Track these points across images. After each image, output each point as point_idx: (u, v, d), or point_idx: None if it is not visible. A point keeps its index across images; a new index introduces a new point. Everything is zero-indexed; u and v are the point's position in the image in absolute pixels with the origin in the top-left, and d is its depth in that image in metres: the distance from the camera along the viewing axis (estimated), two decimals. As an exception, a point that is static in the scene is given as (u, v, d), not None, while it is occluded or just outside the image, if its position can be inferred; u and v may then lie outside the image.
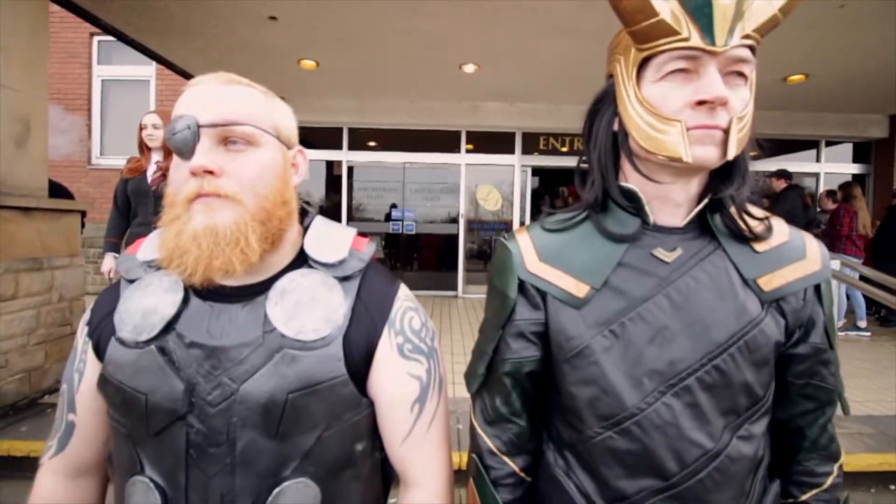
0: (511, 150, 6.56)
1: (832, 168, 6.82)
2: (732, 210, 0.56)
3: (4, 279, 2.50)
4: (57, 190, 3.27)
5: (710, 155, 0.51)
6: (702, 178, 0.57)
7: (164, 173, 2.49)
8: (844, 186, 5.10)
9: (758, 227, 0.57)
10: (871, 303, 5.47)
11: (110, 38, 5.01)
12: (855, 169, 6.86)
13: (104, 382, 0.58)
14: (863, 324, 4.73)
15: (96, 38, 6.43)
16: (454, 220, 6.74)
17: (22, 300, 2.60)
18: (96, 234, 5.93)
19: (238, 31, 4.11)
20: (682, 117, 0.51)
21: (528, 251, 0.61)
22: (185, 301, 0.59)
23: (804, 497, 0.61)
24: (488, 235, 6.94)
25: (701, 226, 0.58)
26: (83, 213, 3.15)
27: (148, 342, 0.57)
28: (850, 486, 2.14)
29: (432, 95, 5.97)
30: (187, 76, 5.33)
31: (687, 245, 0.56)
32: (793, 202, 4.80)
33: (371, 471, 0.66)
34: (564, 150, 6.57)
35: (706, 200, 0.56)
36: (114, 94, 6.51)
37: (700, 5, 0.48)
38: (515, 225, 6.67)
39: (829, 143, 6.79)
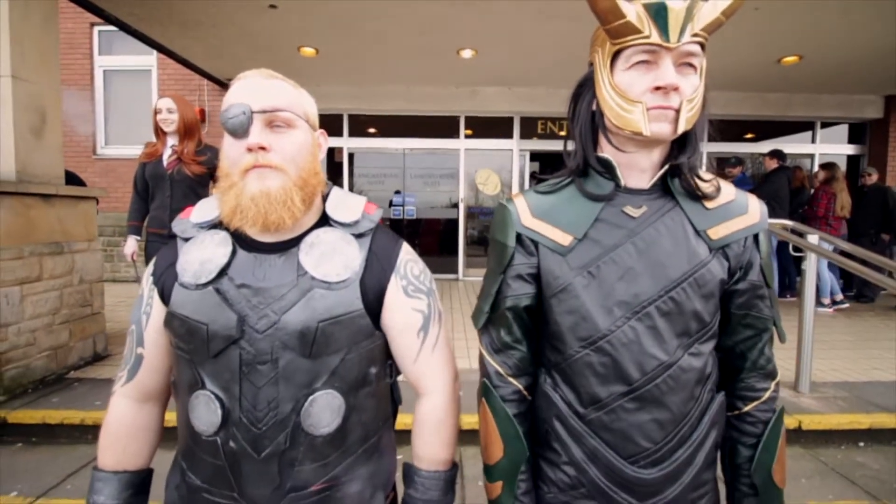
0: (509, 135, 6.64)
1: (828, 149, 6.88)
2: (687, 174, 0.70)
3: (30, 262, 2.65)
4: (71, 178, 3.39)
5: (664, 130, 0.64)
6: (663, 148, 0.70)
7: (179, 157, 2.55)
8: (826, 167, 5.22)
9: (707, 187, 0.70)
10: (850, 282, 5.64)
11: (111, 27, 5.07)
12: (850, 150, 6.93)
13: (171, 318, 0.73)
14: (826, 301, 4.96)
15: (97, 28, 6.47)
16: (454, 205, 6.86)
17: (46, 282, 2.75)
18: (104, 223, 6.07)
19: (238, 19, 4.18)
20: (644, 99, 0.63)
21: (523, 210, 0.74)
22: (234, 253, 0.74)
23: (746, 408, 0.72)
24: (487, 220, 7.06)
25: (663, 188, 0.71)
26: (96, 201, 3.28)
27: (206, 284, 0.71)
28: (823, 444, 2.31)
29: (430, 81, 6.04)
30: (188, 65, 5.41)
31: (651, 203, 0.69)
32: (779, 183, 4.92)
33: (383, 392, 0.81)
34: (562, 134, 6.66)
35: (667, 167, 0.70)
36: (116, 84, 6.57)
37: (658, 10, 0.60)
38: (514, 209, 6.79)
39: (824, 125, 6.84)
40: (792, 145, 6.97)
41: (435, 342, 0.81)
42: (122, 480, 0.77)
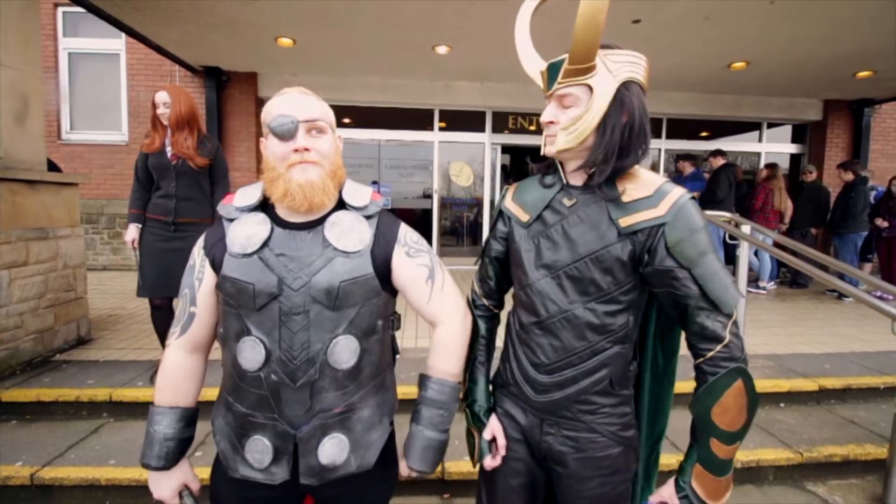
0: (482, 129, 6.88)
1: (773, 148, 7.46)
2: (597, 179, 0.91)
3: (17, 246, 2.70)
4: (51, 166, 3.40)
5: (549, 150, 0.92)
6: (582, 158, 0.91)
7: (181, 152, 2.53)
8: (769, 166, 5.75)
9: (610, 190, 0.89)
10: (781, 267, 6.23)
11: (76, 9, 4.93)
12: (793, 148, 7.53)
13: (223, 280, 0.92)
14: (763, 283, 5.53)
15: (60, 10, 6.26)
16: (428, 196, 7.06)
17: (33, 266, 2.81)
18: (85, 210, 5.93)
19: (219, 7, 4.20)
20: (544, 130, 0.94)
21: (509, 194, 1.07)
22: (272, 230, 0.94)
23: (695, 362, 0.88)
24: (460, 211, 7.30)
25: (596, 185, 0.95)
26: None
27: (252, 254, 0.92)
28: (749, 405, 2.68)
29: (406, 74, 6.18)
30: (160, 51, 5.34)
31: (582, 197, 0.93)
32: (724, 179, 5.40)
33: (386, 340, 1.03)
34: (532, 128, 6.95)
35: (592, 171, 0.93)
36: (82, 68, 6.39)
37: (543, 71, 0.92)
38: (486, 200, 7.05)
39: (770, 125, 7.40)
40: (741, 143, 7.53)
41: (442, 284, 1.03)
42: (176, 414, 0.97)
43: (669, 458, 2.13)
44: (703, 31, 4.43)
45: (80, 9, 4.30)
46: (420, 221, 7.16)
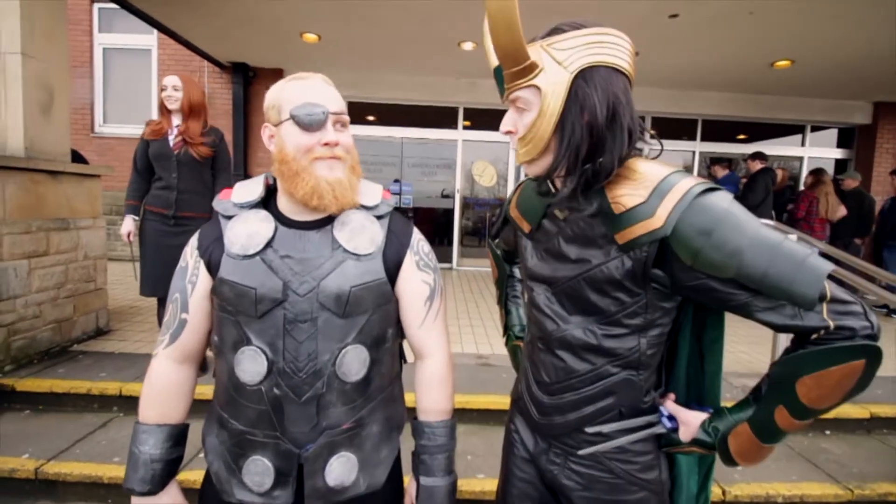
0: (507, 128, 6.72)
1: (816, 152, 7.05)
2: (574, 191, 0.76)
3: (37, 236, 2.71)
4: (75, 156, 3.44)
5: (519, 161, 0.80)
6: (548, 166, 0.77)
7: (185, 139, 2.51)
8: (814, 173, 5.39)
9: (598, 202, 0.75)
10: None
11: (111, 5, 5.04)
12: (838, 154, 7.10)
13: (220, 284, 0.83)
14: None
15: (96, 6, 6.42)
16: (450, 196, 6.95)
17: (53, 256, 2.82)
18: (109, 202, 6.07)
19: (246, 4, 4.20)
20: None
21: (514, 199, 0.98)
22: (276, 229, 0.85)
23: (814, 337, 0.65)
24: (483, 211, 7.16)
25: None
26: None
27: (254, 255, 0.83)
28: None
29: (431, 71, 6.09)
30: (190, 46, 5.41)
31: (573, 208, 0.79)
32: (761, 185, 5.08)
33: (395, 349, 0.95)
34: (559, 128, 6.75)
35: (578, 180, 0.76)
36: (116, 63, 6.54)
37: (496, 81, 0.77)
38: (509, 201, 6.89)
39: (814, 128, 7.00)
40: (782, 147, 7.14)
41: (437, 312, 0.94)
42: (164, 432, 0.88)
43: (701, 487, 1.96)
44: (746, 27, 4.18)
45: (114, 5, 4.38)
46: (442, 221, 7.07)
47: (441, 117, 6.71)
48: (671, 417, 0.80)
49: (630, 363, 0.78)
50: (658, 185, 0.70)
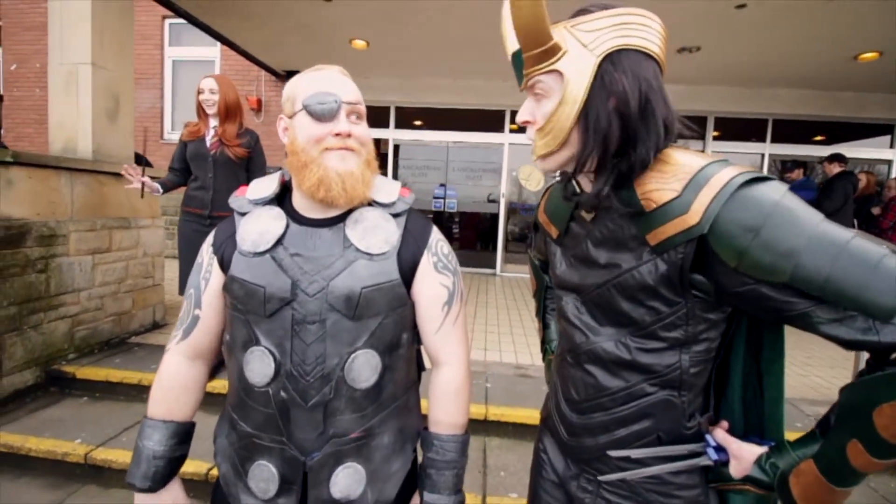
0: (555, 131, 6.53)
1: (908, 155, 6.32)
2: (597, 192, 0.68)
3: (101, 234, 2.91)
4: (138, 159, 3.67)
5: (535, 154, 0.71)
6: (572, 161, 0.70)
7: (221, 139, 2.55)
8: (899, 177, 4.80)
9: (628, 199, 0.66)
10: None
11: (181, 20, 5.42)
12: (934, 156, 6.33)
13: (231, 282, 0.81)
14: None
15: (168, 21, 6.92)
16: (495, 200, 6.84)
17: (115, 253, 3.01)
18: (165, 203, 6.50)
19: (294, 12, 4.35)
20: None
21: (542, 206, 0.91)
22: (287, 226, 0.82)
23: (894, 357, 0.54)
24: (529, 216, 6.99)
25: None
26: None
27: (264, 252, 0.80)
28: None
29: (477, 75, 6.04)
30: (247, 56, 5.69)
31: (601, 208, 0.72)
32: (840, 189, 4.57)
33: (411, 356, 0.89)
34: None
35: (606, 178, 0.67)
36: (183, 74, 7.02)
37: (514, 67, 0.70)
38: (557, 206, 6.69)
39: (906, 128, 6.28)
40: (867, 150, 6.44)
41: (456, 317, 0.87)
42: (170, 429, 0.86)
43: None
44: (826, 15, 3.79)
45: (183, 21, 4.68)
46: (487, 226, 6.97)
47: (487, 121, 6.64)
48: (720, 449, 0.68)
49: (670, 382, 0.68)
50: (694, 176, 0.61)
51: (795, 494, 0.60)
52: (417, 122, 6.87)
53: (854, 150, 6.36)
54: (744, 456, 0.66)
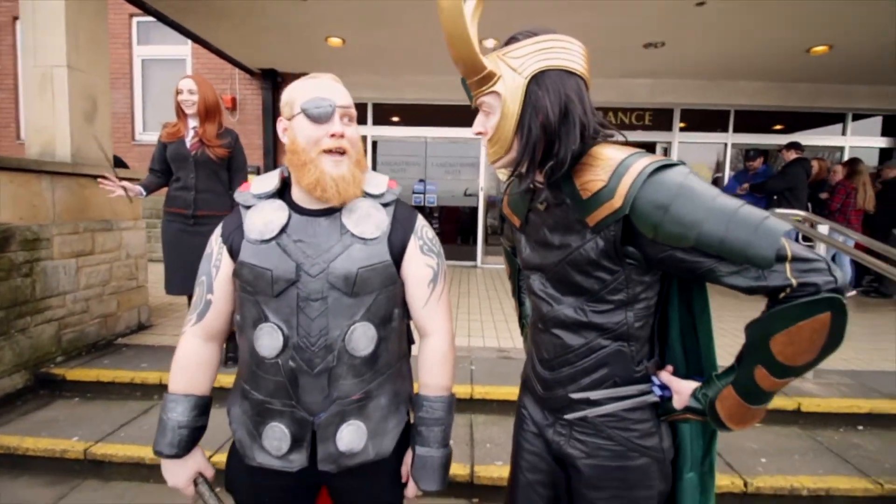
0: (530, 125, 6.69)
1: (859, 142, 6.71)
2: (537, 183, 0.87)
3: (84, 237, 2.92)
4: (117, 162, 3.66)
5: (489, 160, 0.87)
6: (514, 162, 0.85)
7: (201, 140, 2.56)
8: (847, 163, 5.17)
9: (568, 190, 0.81)
10: (862, 274, 5.56)
11: (148, 18, 5.33)
12: (883, 142, 6.75)
13: (241, 267, 0.91)
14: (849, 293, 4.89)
15: (135, 20, 6.78)
16: (474, 194, 6.98)
17: (98, 255, 3.03)
18: (145, 205, 6.42)
19: (270, 10, 4.37)
20: None
21: (505, 201, 1.04)
22: (289, 217, 0.93)
23: (782, 296, 0.67)
24: (507, 208, 7.13)
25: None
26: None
27: (270, 240, 0.91)
28: (822, 426, 2.39)
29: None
30: (221, 55, 5.64)
31: (550, 199, 0.86)
32: (794, 174, 4.89)
33: (402, 329, 1.02)
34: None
35: (533, 175, 0.85)
36: (153, 73, 6.89)
37: (464, 89, 0.86)
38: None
39: (857, 117, 6.66)
40: (821, 137, 6.83)
41: (440, 293, 1.00)
42: (190, 402, 0.96)
43: (722, 479, 1.93)
44: (779, 12, 4.03)
45: (151, 18, 4.62)
46: (466, 220, 7.10)
47: (464, 116, 6.72)
48: (664, 387, 0.82)
49: (619, 336, 0.83)
50: (616, 167, 0.74)
51: (722, 415, 0.76)
52: (395, 119, 6.93)
53: (810, 138, 6.74)
54: (682, 390, 0.81)
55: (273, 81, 6.38)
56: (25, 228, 2.54)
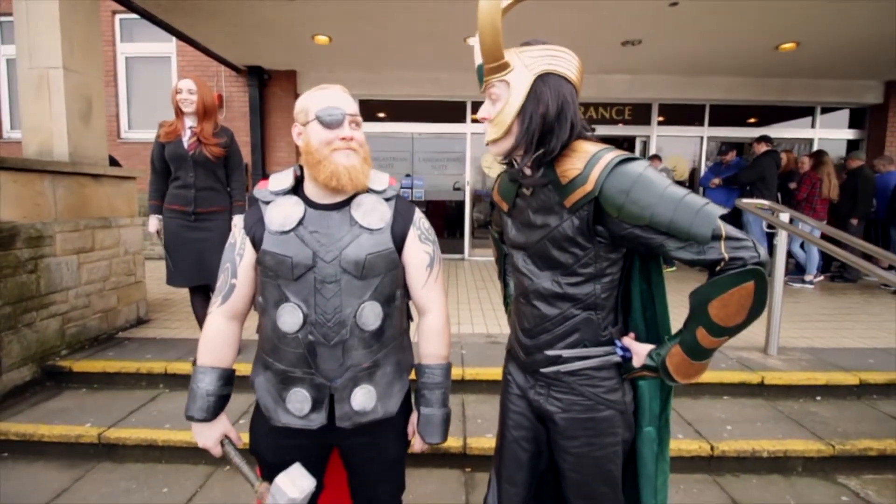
0: (515, 120, 6.85)
1: (827, 134, 7.03)
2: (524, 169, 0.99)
3: (85, 234, 3.00)
4: (112, 161, 3.72)
5: (486, 140, 1.01)
6: (510, 145, 0.98)
7: (199, 139, 2.64)
8: (815, 155, 5.46)
9: (551, 176, 0.95)
10: (830, 260, 5.88)
11: (131, 15, 5.32)
12: (850, 134, 7.07)
13: (264, 255, 1.05)
14: (809, 277, 5.26)
15: (118, 17, 6.74)
16: (461, 188, 7.13)
17: (98, 252, 3.11)
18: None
19: (258, 8, 4.43)
20: None
21: (495, 188, 1.17)
22: (305, 211, 1.07)
23: (718, 269, 0.83)
24: (493, 202, 7.30)
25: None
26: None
27: (289, 231, 1.05)
28: (783, 397, 2.62)
29: (439, 67, 6.26)
30: (208, 52, 5.67)
31: (535, 184, 1.00)
32: (764, 166, 5.16)
33: (403, 308, 1.17)
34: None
35: (529, 160, 0.98)
36: (138, 71, 6.86)
37: (477, 75, 0.98)
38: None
39: (825, 110, 6.97)
40: (792, 130, 7.13)
41: (437, 276, 1.16)
42: (217, 373, 1.10)
43: (691, 444, 2.14)
44: (748, 10, 4.25)
45: (135, 15, 4.64)
46: (453, 214, 7.23)
47: (450, 112, 6.88)
48: (625, 349, 0.99)
49: (589, 305, 0.99)
50: (590, 159, 0.90)
51: (671, 370, 0.93)
52: (381, 115, 7.03)
53: (782, 131, 7.05)
54: (640, 352, 0.97)
55: (259, 78, 6.42)
56: (29, 226, 2.62)
